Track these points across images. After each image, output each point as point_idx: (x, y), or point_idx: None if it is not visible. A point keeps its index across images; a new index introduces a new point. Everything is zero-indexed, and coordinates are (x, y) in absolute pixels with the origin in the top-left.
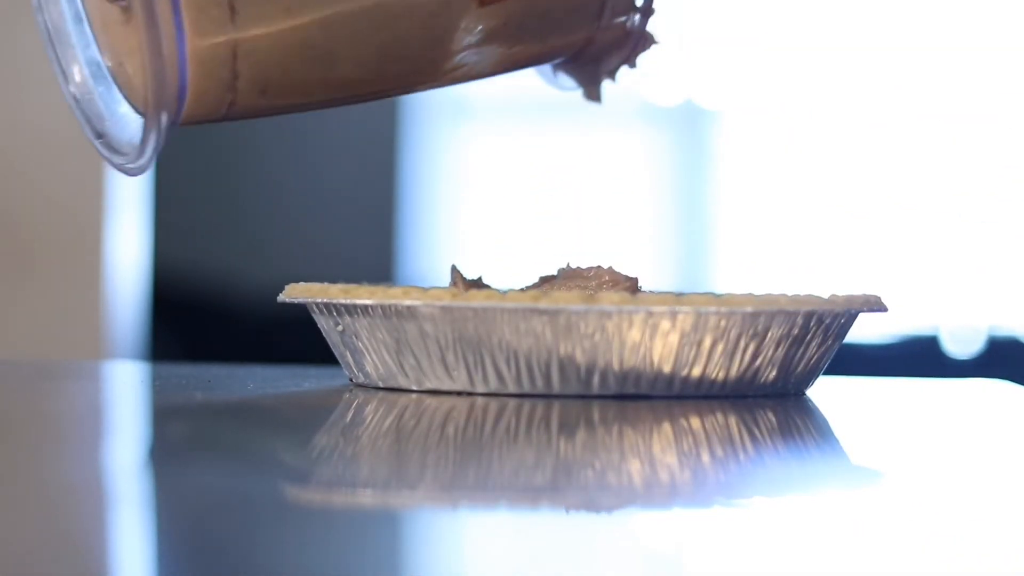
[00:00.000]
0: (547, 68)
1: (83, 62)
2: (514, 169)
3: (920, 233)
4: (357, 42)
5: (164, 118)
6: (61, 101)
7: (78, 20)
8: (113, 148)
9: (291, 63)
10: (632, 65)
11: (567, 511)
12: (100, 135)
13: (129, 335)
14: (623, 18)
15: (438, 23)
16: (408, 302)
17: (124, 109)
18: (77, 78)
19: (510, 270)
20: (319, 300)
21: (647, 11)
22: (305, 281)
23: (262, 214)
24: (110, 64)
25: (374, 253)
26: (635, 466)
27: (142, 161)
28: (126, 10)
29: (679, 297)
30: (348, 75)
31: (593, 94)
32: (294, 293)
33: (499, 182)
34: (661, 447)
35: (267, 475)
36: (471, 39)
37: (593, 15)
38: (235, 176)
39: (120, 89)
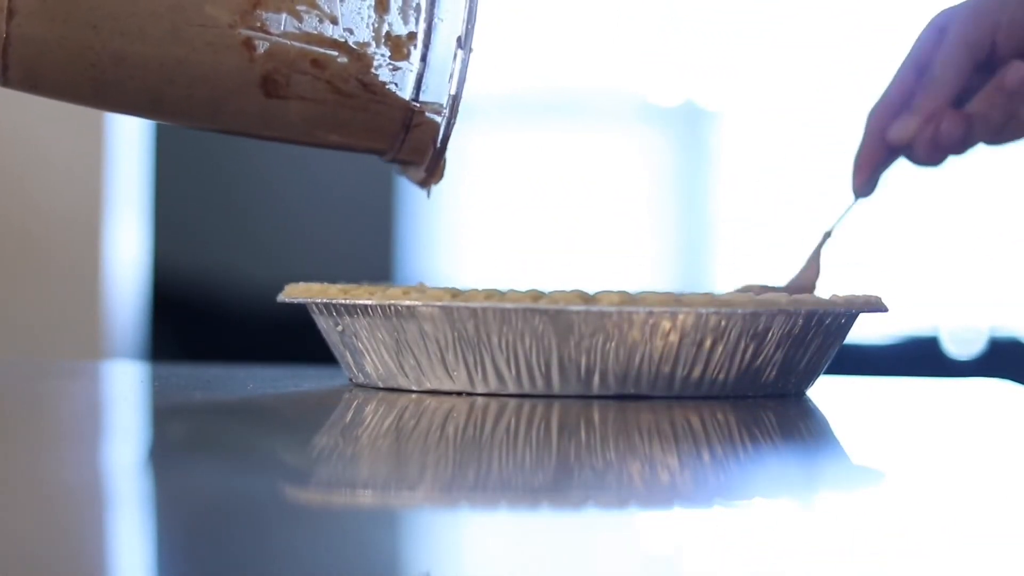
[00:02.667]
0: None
1: None
2: (514, 169)
3: (920, 233)
4: (142, 86)
5: None
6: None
7: None
8: None
9: (66, 74)
10: (424, 187)
11: (567, 511)
12: None
13: (129, 335)
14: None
15: (225, 103)
16: (408, 302)
17: None
18: None
19: (509, 270)
20: (319, 300)
21: (440, 153)
22: (305, 281)
23: (262, 214)
24: None
25: (374, 253)
26: (635, 466)
27: None
28: None
29: (679, 297)
30: (125, 106)
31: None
32: (294, 293)
33: (499, 182)
34: (661, 447)
35: (267, 475)
36: (259, 121)
37: (392, 140)
38: (235, 176)
39: None
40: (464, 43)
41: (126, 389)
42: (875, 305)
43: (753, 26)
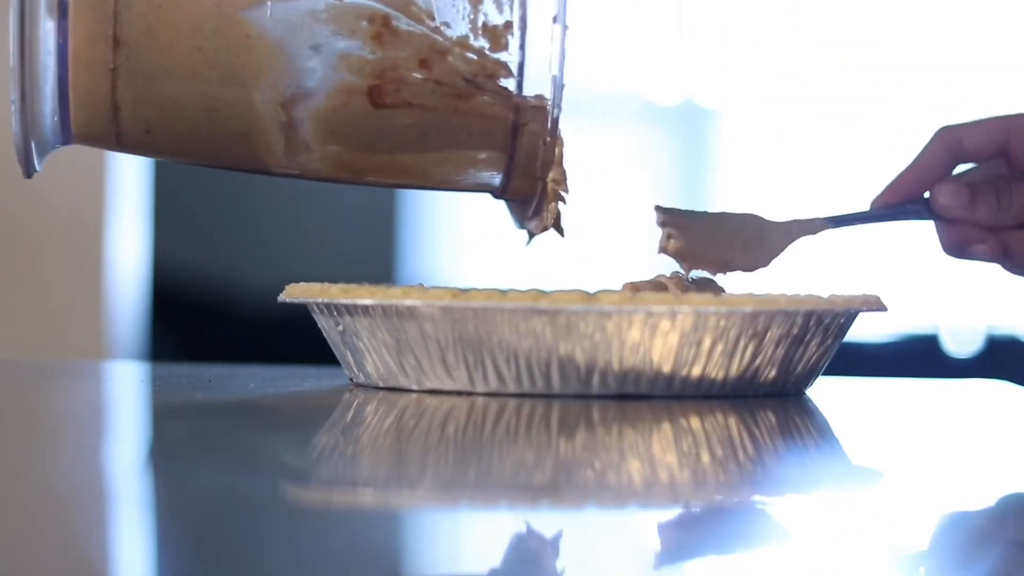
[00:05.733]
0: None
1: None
2: None
3: (920, 233)
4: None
5: (32, 141)
6: None
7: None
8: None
9: (179, 108)
10: (544, 223)
11: (567, 511)
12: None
13: (129, 335)
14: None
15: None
16: (408, 302)
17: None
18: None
19: (510, 270)
20: (319, 300)
21: (550, 163)
22: (305, 281)
23: (262, 214)
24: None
25: (374, 253)
26: (635, 466)
27: (24, 168)
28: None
29: (679, 297)
30: (225, 152)
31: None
32: (294, 293)
33: None
34: (661, 447)
35: (267, 475)
36: (372, 135)
37: (504, 146)
38: (236, 176)
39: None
40: (560, 21)
41: (127, 389)
42: (875, 305)
43: (753, 26)
